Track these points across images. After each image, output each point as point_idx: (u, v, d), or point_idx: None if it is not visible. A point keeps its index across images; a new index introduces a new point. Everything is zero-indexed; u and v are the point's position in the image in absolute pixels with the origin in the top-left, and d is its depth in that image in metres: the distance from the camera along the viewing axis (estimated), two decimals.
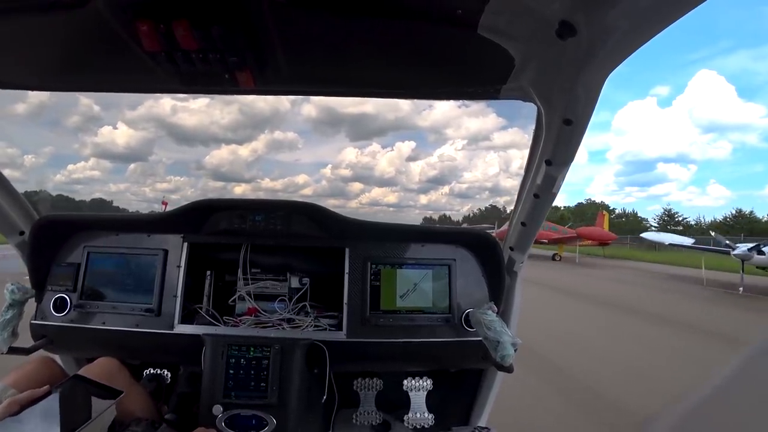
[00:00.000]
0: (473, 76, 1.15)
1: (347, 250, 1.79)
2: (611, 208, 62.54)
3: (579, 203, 66.92)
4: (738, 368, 0.52)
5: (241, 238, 1.82)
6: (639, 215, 59.88)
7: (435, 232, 1.91)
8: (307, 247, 1.86)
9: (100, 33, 0.93)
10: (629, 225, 53.08)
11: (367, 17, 0.87)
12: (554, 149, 1.17)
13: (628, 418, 3.88)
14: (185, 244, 1.77)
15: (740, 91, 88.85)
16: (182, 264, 1.74)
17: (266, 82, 1.13)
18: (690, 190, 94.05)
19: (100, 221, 1.84)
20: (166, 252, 1.76)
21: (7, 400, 1.04)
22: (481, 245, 1.80)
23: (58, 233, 1.78)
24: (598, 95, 0.93)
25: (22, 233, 1.70)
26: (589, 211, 51.56)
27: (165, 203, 22.80)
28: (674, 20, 0.70)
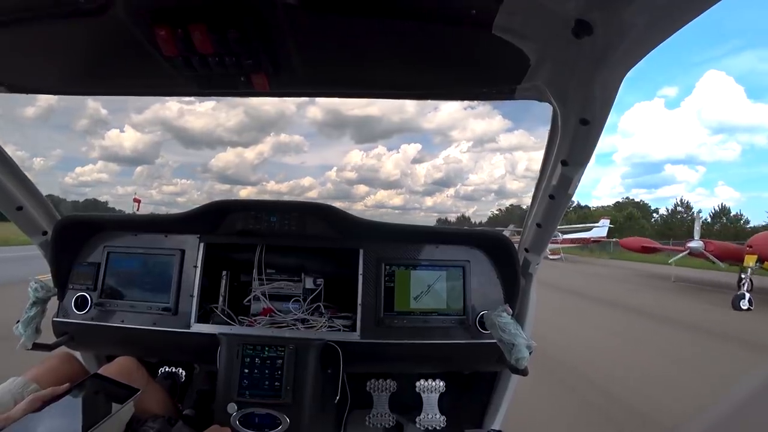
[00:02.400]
0: (488, 76, 1.13)
1: (361, 251, 1.79)
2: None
3: (617, 202, 63.65)
4: None
5: (257, 238, 1.83)
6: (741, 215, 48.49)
7: (449, 233, 1.90)
8: (322, 248, 1.87)
9: (120, 39, 0.94)
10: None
11: (381, 19, 0.87)
12: (570, 150, 1.15)
13: None
14: (201, 245, 1.79)
15: (750, 92, 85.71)
16: (199, 264, 1.77)
17: (281, 84, 1.13)
18: (698, 192, 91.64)
19: (119, 222, 1.89)
20: (183, 252, 1.79)
21: (30, 397, 1.07)
22: (496, 247, 1.78)
23: (80, 233, 1.83)
24: (616, 94, 0.91)
25: (45, 233, 1.75)
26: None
27: (137, 200, 23.24)
28: (693, 17, 0.68)
